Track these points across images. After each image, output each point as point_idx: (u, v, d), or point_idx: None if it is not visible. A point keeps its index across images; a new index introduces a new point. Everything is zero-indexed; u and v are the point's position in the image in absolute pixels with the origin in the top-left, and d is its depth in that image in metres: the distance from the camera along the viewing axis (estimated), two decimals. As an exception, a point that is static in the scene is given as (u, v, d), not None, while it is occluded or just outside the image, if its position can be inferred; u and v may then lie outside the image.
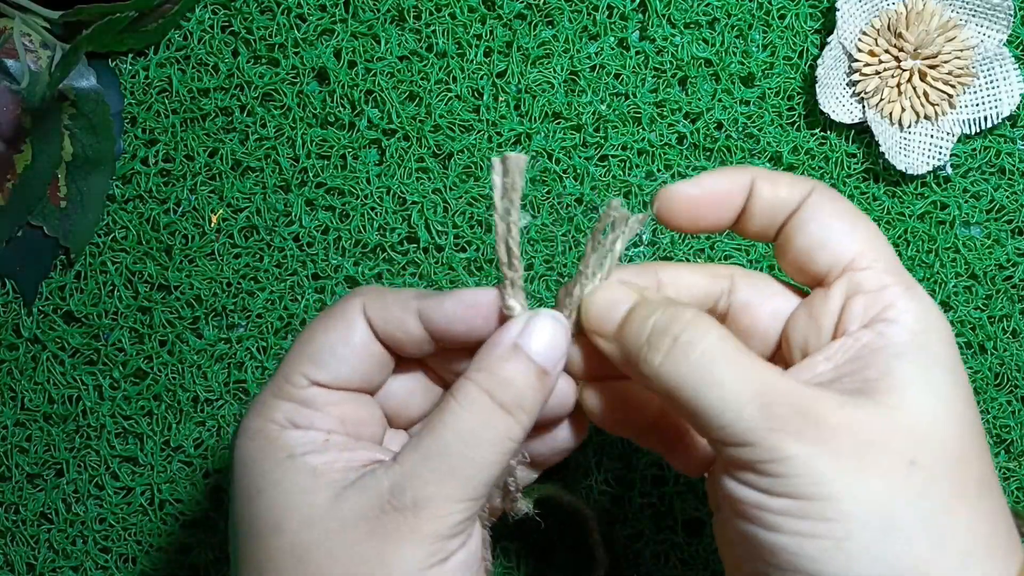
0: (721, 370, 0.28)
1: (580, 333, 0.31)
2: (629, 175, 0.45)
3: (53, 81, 0.41)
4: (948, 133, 0.44)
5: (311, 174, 0.45)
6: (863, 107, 0.44)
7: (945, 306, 0.45)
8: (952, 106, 0.44)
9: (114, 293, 0.45)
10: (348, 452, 0.30)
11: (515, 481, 0.32)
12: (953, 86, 0.43)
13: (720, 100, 0.44)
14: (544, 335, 0.30)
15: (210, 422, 0.45)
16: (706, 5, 0.44)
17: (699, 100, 0.44)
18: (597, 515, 0.44)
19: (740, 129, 0.45)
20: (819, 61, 0.43)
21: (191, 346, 0.45)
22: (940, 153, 0.44)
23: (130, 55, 0.45)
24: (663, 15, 0.44)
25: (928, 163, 0.44)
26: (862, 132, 0.45)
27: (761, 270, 0.45)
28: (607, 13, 0.44)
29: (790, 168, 0.45)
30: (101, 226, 0.45)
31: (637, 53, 0.44)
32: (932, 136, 0.44)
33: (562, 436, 0.33)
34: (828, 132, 0.45)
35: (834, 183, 0.45)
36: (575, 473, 0.45)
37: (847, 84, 0.44)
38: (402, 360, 0.32)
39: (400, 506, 0.28)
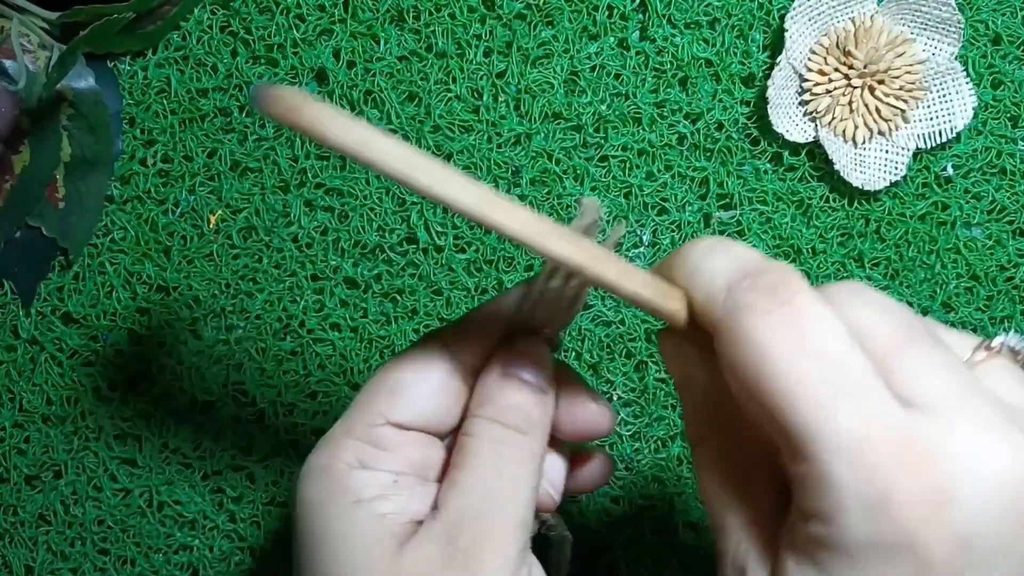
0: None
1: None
2: (629, 176, 0.45)
3: (51, 82, 0.41)
4: (903, 148, 0.44)
5: (310, 175, 0.45)
6: (816, 126, 0.44)
7: (946, 307, 0.45)
8: (906, 120, 0.44)
9: (112, 294, 0.45)
10: (417, 496, 0.29)
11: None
12: (905, 100, 0.43)
13: (721, 100, 0.44)
14: (527, 357, 0.30)
15: (208, 424, 0.45)
16: (706, 5, 0.44)
17: (699, 100, 0.44)
18: (597, 516, 0.44)
19: (740, 129, 0.45)
20: (769, 82, 0.43)
21: (190, 347, 0.45)
22: (896, 168, 0.44)
23: (128, 55, 0.45)
24: (663, 15, 0.44)
25: (885, 179, 0.44)
26: (820, 147, 0.44)
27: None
28: (607, 13, 0.44)
29: (791, 169, 0.45)
30: (99, 227, 0.45)
31: (637, 53, 0.44)
32: (887, 152, 0.44)
33: (592, 471, 0.34)
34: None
35: (832, 181, 0.45)
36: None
37: (799, 103, 0.44)
38: None
39: (461, 549, 0.27)
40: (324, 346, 0.45)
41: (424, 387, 0.30)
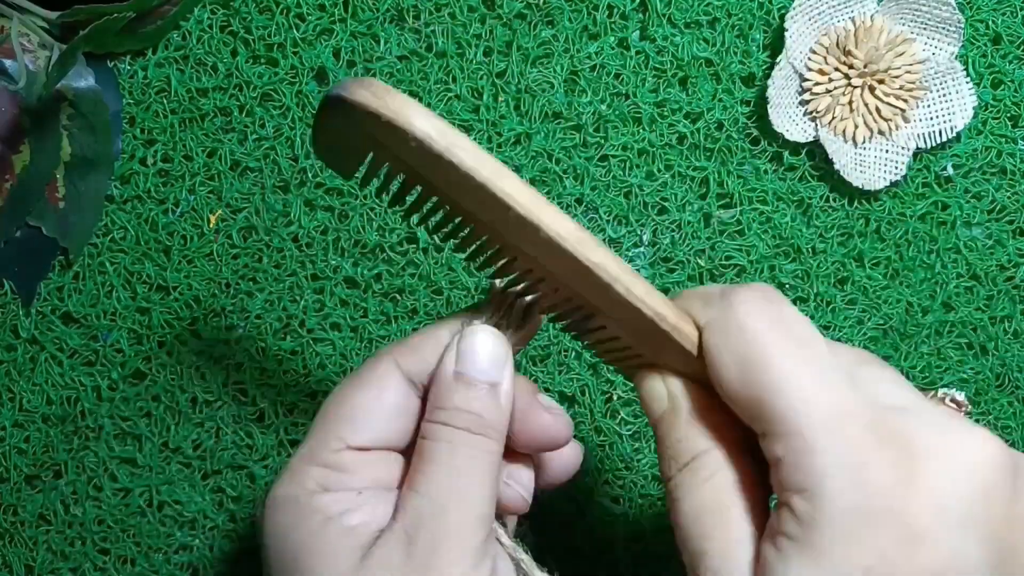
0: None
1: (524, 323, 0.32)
2: (629, 175, 0.45)
3: (50, 81, 0.41)
4: (903, 148, 0.44)
5: (310, 174, 0.45)
6: (816, 125, 0.43)
7: (946, 307, 0.45)
8: (906, 120, 0.44)
9: (112, 294, 0.45)
10: (383, 505, 0.30)
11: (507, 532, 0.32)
12: (905, 100, 0.43)
13: (721, 100, 0.44)
14: (480, 352, 0.30)
15: (208, 423, 0.45)
16: (706, 5, 0.44)
17: (699, 100, 0.44)
18: (597, 516, 0.44)
19: (740, 129, 0.45)
20: (769, 82, 0.43)
21: (190, 347, 0.45)
22: (896, 168, 0.44)
23: (128, 55, 0.45)
24: (663, 15, 0.44)
25: (885, 178, 0.44)
26: (820, 147, 0.44)
27: (762, 272, 0.45)
28: (607, 13, 0.44)
29: (791, 169, 0.45)
30: (99, 226, 0.45)
31: (637, 53, 0.44)
32: (887, 151, 0.44)
33: (563, 462, 0.34)
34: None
35: (833, 183, 0.45)
36: (575, 472, 0.45)
37: (799, 103, 0.44)
38: None
39: (420, 548, 0.28)
40: (324, 346, 0.45)
41: (381, 411, 0.31)
